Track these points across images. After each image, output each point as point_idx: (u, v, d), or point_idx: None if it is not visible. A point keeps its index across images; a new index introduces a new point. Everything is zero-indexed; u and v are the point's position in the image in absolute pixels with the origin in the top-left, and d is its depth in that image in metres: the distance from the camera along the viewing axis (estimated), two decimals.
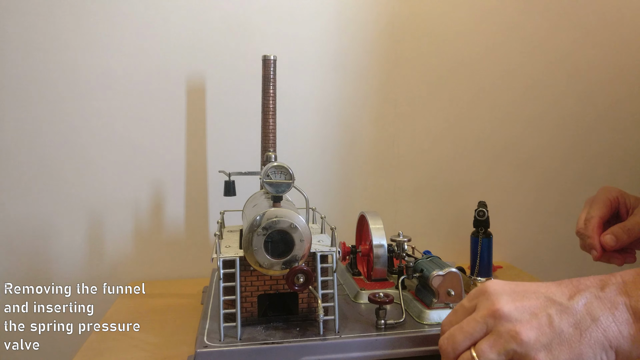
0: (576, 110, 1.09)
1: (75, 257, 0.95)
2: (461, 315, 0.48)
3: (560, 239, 1.11)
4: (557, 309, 0.43)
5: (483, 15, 1.03)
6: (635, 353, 0.42)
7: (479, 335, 0.45)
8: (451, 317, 0.49)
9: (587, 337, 0.42)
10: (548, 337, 0.42)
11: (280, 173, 0.58)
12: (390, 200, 1.05)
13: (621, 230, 0.61)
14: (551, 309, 0.43)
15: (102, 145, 0.94)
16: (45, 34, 0.91)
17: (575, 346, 0.42)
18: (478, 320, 0.45)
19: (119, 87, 0.94)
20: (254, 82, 0.85)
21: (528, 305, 0.44)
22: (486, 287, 0.47)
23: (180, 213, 0.98)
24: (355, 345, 0.57)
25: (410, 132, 1.04)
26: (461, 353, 0.45)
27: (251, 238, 0.56)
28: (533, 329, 0.42)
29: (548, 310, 0.43)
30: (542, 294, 0.45)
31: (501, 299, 0.45)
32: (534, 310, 0.44)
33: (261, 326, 0.61)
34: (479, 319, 0.45)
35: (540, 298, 0.45)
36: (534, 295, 0.45)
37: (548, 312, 0.43)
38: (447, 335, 0.46)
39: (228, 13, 0.95)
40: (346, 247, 0.77)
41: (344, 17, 0.99)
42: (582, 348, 0.42)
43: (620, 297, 0.43)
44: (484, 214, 0.91)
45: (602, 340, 0.42)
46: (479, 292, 0.47)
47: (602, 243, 0.61)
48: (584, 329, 0.42)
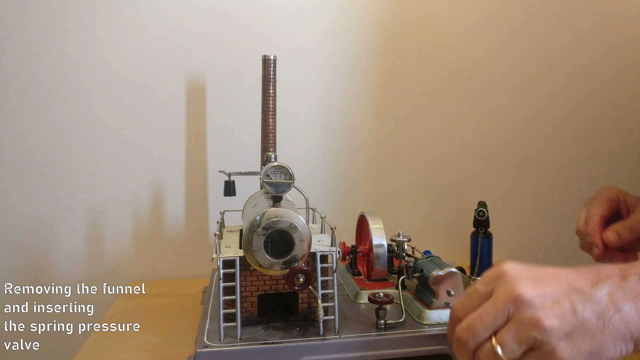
0: (576, 110, 1.09)
1: (75, 257, 0.95)
2: (476, 300, 0.44)
3: (560, 239, 1.11)
4: (580, 297, 0.41)
5: (481, 16, 1.03)
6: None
7: (499, 324, 0.41)
8: (464, 302, 0.45)
9: (609, 327, 0.40)
10: (570, 325, 0.40)
11: (280, 173, 0.58)
12: (390, 200, 1.05)
13: (623, 228, 0.60)
14: (574, 297, 0.41)
15: (102, 145, 0.94)
16: (45, 34, 0.91)
17: (597, 337, 0.40)
18: (498, 307, 0.41)
19: (119, 87, 0.94)
20: (254, 82, 0.85)
21: (550, 291, 0.41)
22: (504, 270, 0.43)
23: (180, 213, 0.98)
24: (355, 345, 0.57)
25: (410, 132, 1.04)
26: (481, 343, 0.42)
27: (251, 238, 0.56)
28: (555, 316, 0.40)
29: (571, 297, 0.41)
30: (563, 280, 0.42)
31: (521, 283, 0.42)
32: (556, 297, 0.41)
33: (261, 326, 0.61)
34: (499, 306, 0.41)
35: (562, 284, 0.42)
36: (555, 282, 0.42)
37: (571, 300, 0.41)
38: (465, 325, 0.43)
39: (228, 13, 0.95)
40: (346, 247, 0.77)
41: (344, 17, 0.99)
42: (603, 339, 0.40)
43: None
44: (484, 214, 0.91)
45: (624, 331, 0.40)
46: (495, 276, 0.44)
47: (604, 240, 0.60)
48: (607, 319, 0.40)
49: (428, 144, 1.05)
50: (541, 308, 0.40)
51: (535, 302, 0.41)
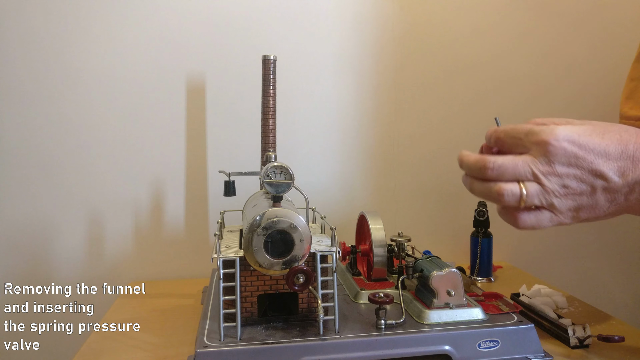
0: (577, 110, 1.09)
1: (75, 257, 0.95)
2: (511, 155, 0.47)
3: (560, 239, 1.11)
4: (603, 187, 0.45)
5: (483, 18, 1.03)
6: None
7: (525, 178, 0.45)
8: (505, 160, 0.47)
9: (614, 207, 0.46)
10: (578, 203, 0.45)
11: (280, 173, 0.58)
12: (390, 200, 1.05)
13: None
14: (597, 183, 0.45)
15: (102, 145, 0.94)
16: (45, 35, 0.91)
17: (600, 211, 0.46)
18: (529, 169, 0.45)
19: (119, 87, 0.94)
20: (254, 82, 0.85)
21: (574, 173, 0.45)
22: (548, 139, 0.45)
23: (180, 213, 0.98)
24: (355, 345, 0.57)
25: (410, 132, 1.04)
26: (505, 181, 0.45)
27: (251, 238, 0.56)
28: (571, 195, 0.45)
29: (594, 183, 0.45)
30: (596, 163, 0.45)
31: (557, 160, 0.44)
32: (580, 177, 0.45)
33: (261, 326, 0.61)
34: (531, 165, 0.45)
35: (592, 165, 0.44)
36: (586, 162, 0.45)
37: (593, 185, 0.45)
38: (496, 163, 0.46)
39: (228, 13, 0.95)
40: (346, 247, 0.77)
41: (344, 17, 0.99)
42: (601, 211, 0.46)
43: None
44: (484, 214, 0.91)
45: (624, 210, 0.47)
46: (538, 140, 0.45)
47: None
48: (615, 203, 0.46)
49: (428, 144, 1.05)
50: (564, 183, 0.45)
51: (563, 181, 0.45)
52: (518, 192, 0.45)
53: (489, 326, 0.60)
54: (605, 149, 0.45)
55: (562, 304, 0.78)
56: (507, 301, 0.68)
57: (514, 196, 0.45)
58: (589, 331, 0.64)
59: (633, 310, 1.13)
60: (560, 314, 0.70)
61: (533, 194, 0.45)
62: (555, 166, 0.45)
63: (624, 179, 0.45)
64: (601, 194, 0.46)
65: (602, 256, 1.13)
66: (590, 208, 0.46)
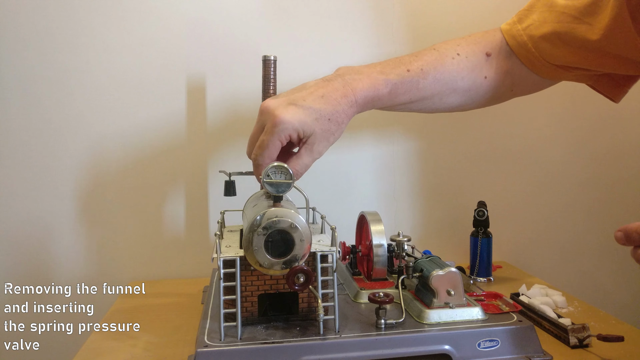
0: (577, 110, 1.09)
1: (75, 257, 0.95)
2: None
3: (560, 239, 1.11)
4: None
5: (484, 17, 1.03)
6: None
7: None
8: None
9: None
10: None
11: (280, 173, 0.58)
12: (390, 200, 1.05)
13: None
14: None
15: (102, 145, 0.94)
16: (46, 35, 0.91)
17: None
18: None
19: (119, 86, 0.94)
20: (254, 82, 0.85)
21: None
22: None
23: (180, 213, 0.98)
24: (355, 345, 0.57)
25: (410, 132, 1.04)
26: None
27: (251, 238, 0.56)
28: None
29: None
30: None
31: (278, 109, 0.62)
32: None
33: (261, 326, 0.61)
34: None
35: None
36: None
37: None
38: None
39: (228, 13, 0.96)
40: (346, 247, 0.77)
41: (344, 17, 0.99)
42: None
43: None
44: (484, 213, 0.91)
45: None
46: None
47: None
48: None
49: (428, 144, 1.05)
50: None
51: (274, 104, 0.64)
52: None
53: (488, 326, 0.60)
54: None
55: (561, 304, 0.78)
56: (506, 301, 0.68)
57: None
58: (588, 331, 0.64)
59: (633, 310, 1.13)
60: (560, 314, 0.70)
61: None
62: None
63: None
64: None
65: (602, 256, 1.13)
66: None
